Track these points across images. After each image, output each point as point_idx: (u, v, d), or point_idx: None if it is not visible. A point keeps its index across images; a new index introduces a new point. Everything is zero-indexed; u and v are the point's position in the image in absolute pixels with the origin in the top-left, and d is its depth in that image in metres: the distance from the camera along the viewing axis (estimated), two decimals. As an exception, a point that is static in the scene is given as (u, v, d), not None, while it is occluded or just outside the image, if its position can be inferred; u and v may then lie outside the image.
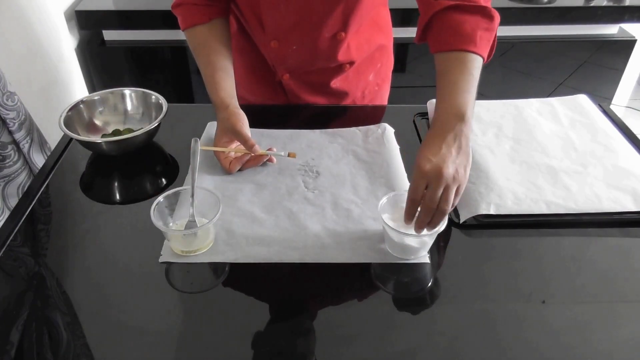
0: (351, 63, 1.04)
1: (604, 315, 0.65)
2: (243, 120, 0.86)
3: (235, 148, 0.88)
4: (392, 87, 1.21)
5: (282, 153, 0.90)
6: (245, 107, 1.12)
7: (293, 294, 0.69)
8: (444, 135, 0.69)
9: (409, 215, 0.69)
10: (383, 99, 1.19)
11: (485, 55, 0.77)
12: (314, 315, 0.66)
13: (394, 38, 1.14)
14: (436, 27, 0.79)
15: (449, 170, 0.66)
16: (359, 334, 0.63)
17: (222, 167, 0.87)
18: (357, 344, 0.62)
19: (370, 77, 1.11)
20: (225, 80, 0.91)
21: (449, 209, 0.67)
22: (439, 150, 0.67)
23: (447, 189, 0.66)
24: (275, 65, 1.03)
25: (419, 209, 0.69)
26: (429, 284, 0.69)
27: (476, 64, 0.75)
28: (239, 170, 0.88)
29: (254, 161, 0.88)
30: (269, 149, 0.90)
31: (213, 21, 0.93)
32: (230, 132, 0.86)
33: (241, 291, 0.69)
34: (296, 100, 1.10)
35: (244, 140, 0.85)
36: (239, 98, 1.13)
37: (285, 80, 1.06)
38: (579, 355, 0.60)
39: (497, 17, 0.78)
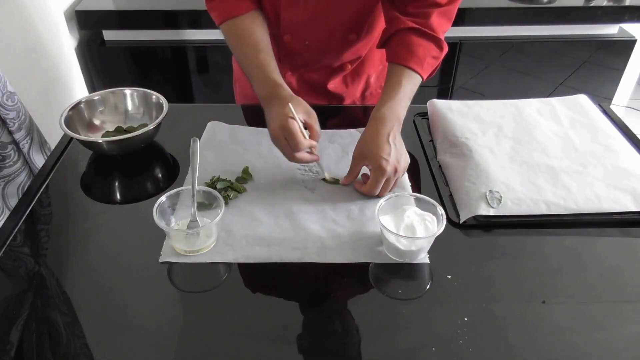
0: (352, 64, 1.06)
1: (604, 315, 0.65)
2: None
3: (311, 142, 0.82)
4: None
5: (326, 174, 0.86)
6: (247, 107, 1.12)
7: (293, 294, 0.69)
8: (388, 133, 0.82)
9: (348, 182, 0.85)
10: None
11: (426, 77, 0.90)
12: (313, 315, 0.66)
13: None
14: (396, 42, 0.90)
15: (401, 166, 0.82)
16: (359, 334, 0.63)
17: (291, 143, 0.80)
18: (357, 343, 0.62)
19: (372, 79, 1.12)
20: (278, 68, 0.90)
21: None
22: (389, 149, 0.80)
23: (389, 180, 0.81)
24: (282, 60, 1.05)
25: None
26: (429, 284, 0.69)
27: (417, 82, 0.89)
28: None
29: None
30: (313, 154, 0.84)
31: (252, 12, 0.94)
32: (309, 116, 0.82)
33: (241, 291, 0.69)
34: None
35: (314, 134, 0.83)
36: (245, 95, 1.13)
37: (286, 78, 1.07)
38: (579, 355, 0.60)
39: (446, 50, 0.91)
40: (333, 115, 1.07)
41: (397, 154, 0.81)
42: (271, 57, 0.91)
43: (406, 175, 0.87)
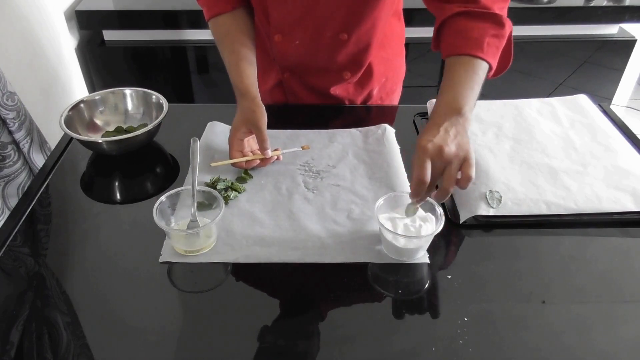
0: (353, 74, 1.04)
1: (604, 315, 0.65)
2: (265, 118, 0.86)
3: (246, 158, 0.87)
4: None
5: (295, 148, 0.90)
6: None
7: (293, 294, 0.69)
8: (440, 124, 0.70)
9: (416, 195, 0.69)
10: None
11: (493, 62, 0.78)
12: (314, 315, 0.66)
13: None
14: (446, 32, 0.81)
15: (450, 148, 0.67)
16: (359, 334, 0.63)
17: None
18: (357, 344, 0.62)
19: (375, 92, 1.11)
20: (249, 70, 0.92)
21: (452, 187, 0.68)
22: (437, 133, 0.69)
23: (449, 166, 0.68)
24: (277, 60, 1.04)
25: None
26: (429, 284, 0.69)
27: (481, 68, 0.76)
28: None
29: (262, 163, 0.88)
30: (276, 149, 0.90)
31: (236, 10, 0.94)
32: (251, 125, 0.86)
33: (241, 291, 0.69)
34: (295, 101, 1.10)
35: (262, 140, 0.85)
36: None
37: (285, 78, 1.06)
38: (578, 355, 0.60)
39: (509, 25, 0.79)
40: (333, 115, 1.07)
41: (448, 139, 0.68)
42: (245, 60, 0.92)
43: (405, 175, 0.87)
